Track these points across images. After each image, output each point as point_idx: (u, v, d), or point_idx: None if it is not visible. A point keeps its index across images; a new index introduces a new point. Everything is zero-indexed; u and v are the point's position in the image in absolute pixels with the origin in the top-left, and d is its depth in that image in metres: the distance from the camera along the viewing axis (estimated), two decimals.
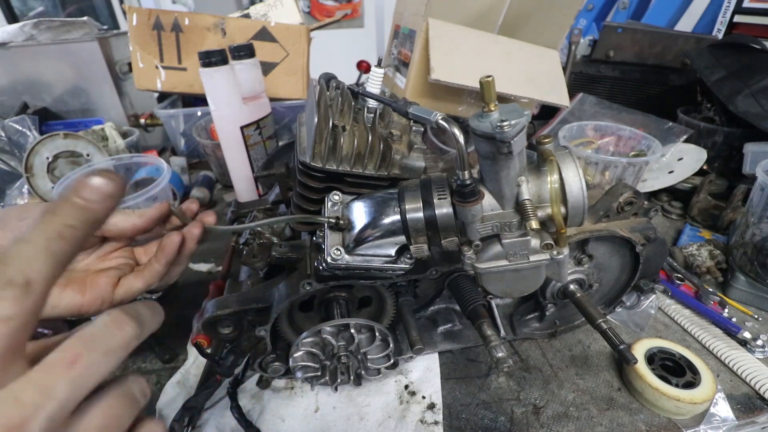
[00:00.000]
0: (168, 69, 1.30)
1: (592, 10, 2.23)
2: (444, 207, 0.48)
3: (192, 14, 1.27)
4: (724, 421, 0.61)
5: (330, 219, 0.53)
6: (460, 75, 1.02)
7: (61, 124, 1.42)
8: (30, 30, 1.44)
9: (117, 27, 3.73)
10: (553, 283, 0.67)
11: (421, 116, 0.49)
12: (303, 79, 1.37)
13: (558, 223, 0.46)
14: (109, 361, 0.25)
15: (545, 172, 0.47)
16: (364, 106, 0.60)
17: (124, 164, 1.04)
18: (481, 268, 0.51)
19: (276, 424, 0.62)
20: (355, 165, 0.56)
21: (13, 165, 1.19)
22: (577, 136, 1.18)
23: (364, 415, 0.64)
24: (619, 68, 1.48)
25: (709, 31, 1.83)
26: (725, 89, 1.12)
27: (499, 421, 0.62)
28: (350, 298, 0.65)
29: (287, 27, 1.32)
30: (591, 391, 0.66)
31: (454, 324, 0.74)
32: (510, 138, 0.40)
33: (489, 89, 0.40)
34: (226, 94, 0.92)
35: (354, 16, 4.09)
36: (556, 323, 0.74)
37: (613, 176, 1.01)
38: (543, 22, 1.20)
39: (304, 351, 0.61)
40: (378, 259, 0.53)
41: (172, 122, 1.38)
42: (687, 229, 1.02)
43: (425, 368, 0.69)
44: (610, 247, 0.66)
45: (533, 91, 1.11)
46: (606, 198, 0.62)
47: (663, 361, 0.66)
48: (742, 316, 0.79)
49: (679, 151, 1.15)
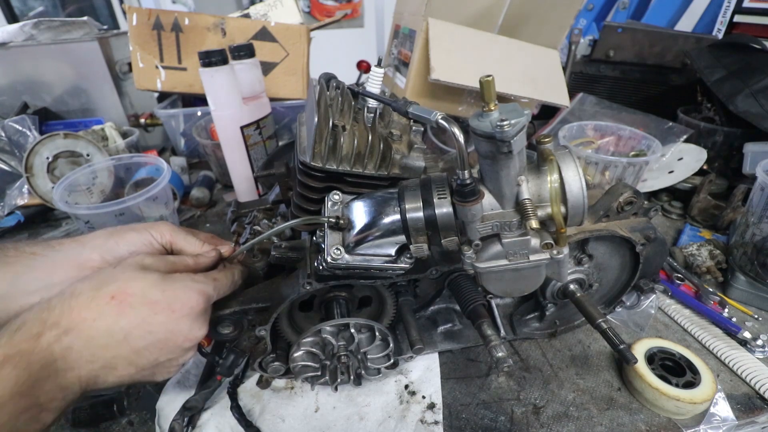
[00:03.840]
0: (168, 69, 1.30)
1: (592, 10, 2.23)
2: (444, 206, 0.48)
3: (192, 14, 1.27)
4: (724, 421, 0.61)
5: (330, 219, 0.53)
6: (460, 75, 1.02)
7: (61, 124, 1.42)
8: (30, 30, 1.44)
9: (117, 27, 3.73)
10: (553, 282, 0.67)
11: (421, 116, 0.49)
12: (303, 79, 1.37)
13: (558, 222, 0.46)
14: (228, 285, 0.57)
15: (545, 171, 0.47)
16: (364, 106, 0.60)
17: (124, 164, 1.04)
18: (481, 267, 0.51)
19: (276, 424, 0.62)
20: (355, 165, 0.56)
21: (13, 165, 1.20)
22: (577, 135, 1.18)
23: (364, 415, 0.64)
24: (619, 68, 1.48)
25: (709, 31, 1.83)
26: (725, 89, 1.12)
27: (499, 420, 0.62)
28: (350, 297, 0.65)
29: (287, 27, 1.32)
30: (591, 391, 0.66)
31: (454, 324, 0.74)
32: (510, 137, 0.40)
33: (489, 89, 0.40)
34: (226, 94, 0.92)
35: (354, 16, 4.10)
36: (556, 323, 0.74)
37: (613, 176, 1.01)
38: (543, 22, 1.21)
39: (304, 351, 0.61)
40: (378, 258, 0.53)
41: (172, 122, 1.38)
42: (687, 229, 1.02)
43: (425, 368, 0.69)
44: (610, 246, 0.66)
45: (533, 91, 1.11)
46: (606, 198, 0.61)
47: (663, 361, 0.66)
48: (742, 316, 0.79)
49: (679, 151, 1.15)
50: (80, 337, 0.43)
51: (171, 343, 0.48)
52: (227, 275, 0.58)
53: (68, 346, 0.42)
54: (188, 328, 0.49)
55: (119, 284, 0.47)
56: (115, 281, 0.47)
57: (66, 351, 0.42)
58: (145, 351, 0.47)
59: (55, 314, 0.43)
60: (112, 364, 0.45)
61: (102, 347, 0.44)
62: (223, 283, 0.56)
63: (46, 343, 0.41)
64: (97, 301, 0.45)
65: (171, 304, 0.48)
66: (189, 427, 0.60)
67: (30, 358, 0.40)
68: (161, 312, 0.47)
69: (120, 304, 0.45)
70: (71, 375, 0.43)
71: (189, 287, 0.50)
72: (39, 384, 0.40)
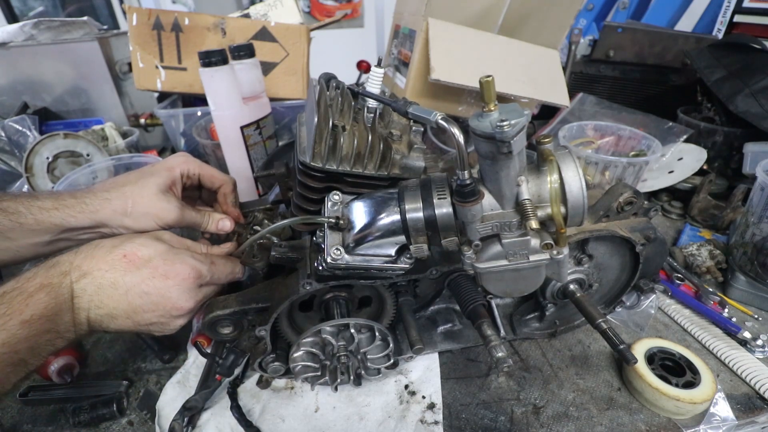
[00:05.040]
0: (168, 69, 1.30)
1: (592, 9, 2.23)
2: (444, 207, 0.48)
3: (192, 14, 1.27)
4: (724, 421, 0.61)
5: (330, 219, 0.53)
6: (460, 75, 1.02)
7: (61, 124, 1.42)
8: (30, 30, 1.44)
9: (117, 27, 3.73)
10: (553, 282, 0.67)
11: (421, 116, 0.49)
12: (303, 79, 1.36)
13: (558, 222, 0.46)
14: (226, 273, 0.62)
15: (545, 171, 0.47)
16: (364, 106, 0.60)
17: (124, 164, 1.04)
18: (481, 267, 0.51)
19: (276, 424, 0.62)
20: (355, 165, 0.56)
21: (13, 165, 1.20)
22: (577, 135, 1.18)
23: (364, 415, 0.64)
24: (619, 68, 1.48)
25: (709, 31, 1.83)
26: (725, 89, 1.12)
27: (499, 420, 0.62)
28: (350, 298, 0.65)
29: (287, 27, 1.32)
30: (591, 391, 0.66)
31: (454, 324, 0.74)
32: (510, 138, 0.40)
33: (489, 89, 0.40)
34: (226, 94, 0.92)
35: (354, 16, 4.10)
36: (556, 323, 0.74)
37: (613, 176, 1.01)
38: (543, 22, 1.20)
39: (304, 351, 0.61)
40: (378, 258, 0.53)
41: (172, 122, 1.37)
42: (687, 229, 1.02)
43: (425, 368, 0.69)
44: (610, 246, 0.66)
45: (533, 91, 1.11)
46: (606, 198, 0.62)
47: (663, 361, 0.66)
48: (742, 316, 0.79)
49: (679, 151, 1.15)
50: (93, 283, 0.51)
51: (162, 307, 0.54)
52: (226, 263, 0.63)
53: (83, 287, 0.51)
54: (177, 296, 0.55)
55: (134, 246, 0.55)
56: (132, 243, 0.55)
57: (81, 291, 0.51)
58: (140, 309, 0.53)
59: (79, 258, 0.52)
60: (114, 314, 0.52)
61: (108, 297, 0.52)
62: (220, 269, 0.61)
63: (69, 281, 0.50)
64: (112, 256, 0.53)
65: (167, 272, 0.54)
66: (189, 427, 0.60)
67: (58, 290, 0.49)
68: (158, 277, 0.54)
69: (129, 262, 0.53)
70: (83, 315, 0.51)
71: (185, 261, 0.56)
72: (60, 314, 0.49)
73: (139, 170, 0.68)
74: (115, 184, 0.64)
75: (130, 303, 0.53)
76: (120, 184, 0.64)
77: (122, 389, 0.66)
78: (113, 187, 0.64)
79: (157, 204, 0.63)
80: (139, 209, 0.62)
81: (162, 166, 0.68)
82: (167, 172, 0.67)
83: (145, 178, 0.64)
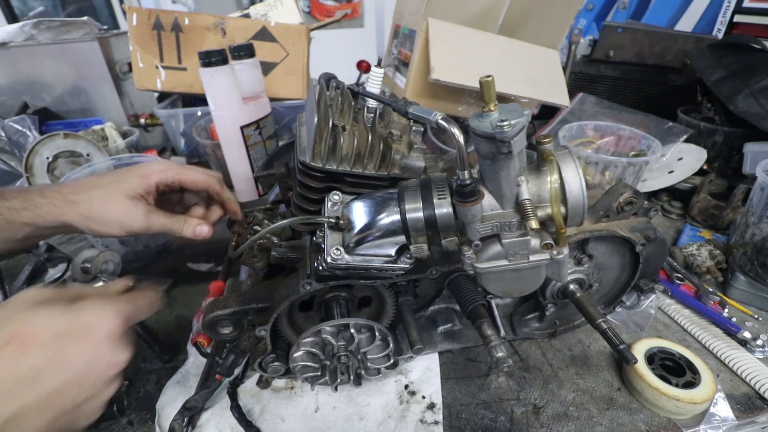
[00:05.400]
0: (168, 69, 1.30)
1: (592, 9, 2.23)
2: (444, 207, 0.48)
3: (192, 14, 1.27)
4: (724, 421, 0.61)
5: (330, 219, 0.53)
6: (460, 75, 1.02)
7: (61, 124, 1.42)
8: (30, 30, 1.44)
9: (117, 27, 3.73)
10: (553, 283, 0.67)
11: (421, 116, 0.49)
12: (303, 79, 1.37)
13: (558, 222, 0.46)
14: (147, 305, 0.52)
15: (545, 171, 0.47)
16: (364, 106, 0.60)
17: (124, 164, 1.03)
18: (480, 267, 0.50)
19: (276, 423, 0.62)
20: (355, 165, 0.56)
21: (13, 165, 1.20)
22: (577, 135, 1.18)
23: (364, 415, 0.64)
24: (619, 68, 1.48)
25: (709, 31, 1.83)
26: (725, 89, 1.12)
27: (499, 420, 0.62)
28: (350, 298, 0.65)
29: (287, 27, 1.32)
30: (591, 391, 0.66)
31: (454, 324, 0.74)
32: (510, 138, 0.40)
33: (489, 89, 0.40)
34: (226, 94, 0.92)
35: (354, 16, 4.10)
36: (556, 323, 0.74)
37: (613, 176, 1.01)
38: (543, 22, 1.20)
39: (304, 351, 0.61)
40: (378, 258, 0.53)
41: (172, 122, 1.38)
42: (687, 229, 1.02)
43: (425, 368, 0.69)
44: (610, 247, 0.66)
45: (533, 91, 1.11)
46: (606, 198, 0.61)
47: (663, 361, 0.66)
48: (742, 316, 0.79)
49: (679, 151, 1.15)
50: None
51: (91, 376, 0.43)
52: (144, 295, 0.53)
53: None
54: (109, 353, 0.44)
55: (15, 325, 0.41)
56: (10, 323, 0.41)
57: None
58: (59, 392, 0.41)
59: None
60: (20, 414, 0.39)
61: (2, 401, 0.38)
62: (143, 303, 0.51)
63: None
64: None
65: (85, 331, 0.43)
66: (189, 427, 0.60)
67: None
68: (75, 342, 0.42)
69: (21, 345, 0.40)
70: None
71: (102, 309, 0.45)
72: None
73: (113, 173, 0.67)
74: (86, 186, 0.63)
75: (43, 390, 0.40)
76: (90, 187, 0.63)
77: (122, 389, 0.66)
78: (83, 188, 0.62)
79: (124, 211, 0.62)
80: (105, 215, 0.61)
81: (137, 172, 0.66)
82: (140, 179, 0.65)
83: (115, 184, 0.63)
